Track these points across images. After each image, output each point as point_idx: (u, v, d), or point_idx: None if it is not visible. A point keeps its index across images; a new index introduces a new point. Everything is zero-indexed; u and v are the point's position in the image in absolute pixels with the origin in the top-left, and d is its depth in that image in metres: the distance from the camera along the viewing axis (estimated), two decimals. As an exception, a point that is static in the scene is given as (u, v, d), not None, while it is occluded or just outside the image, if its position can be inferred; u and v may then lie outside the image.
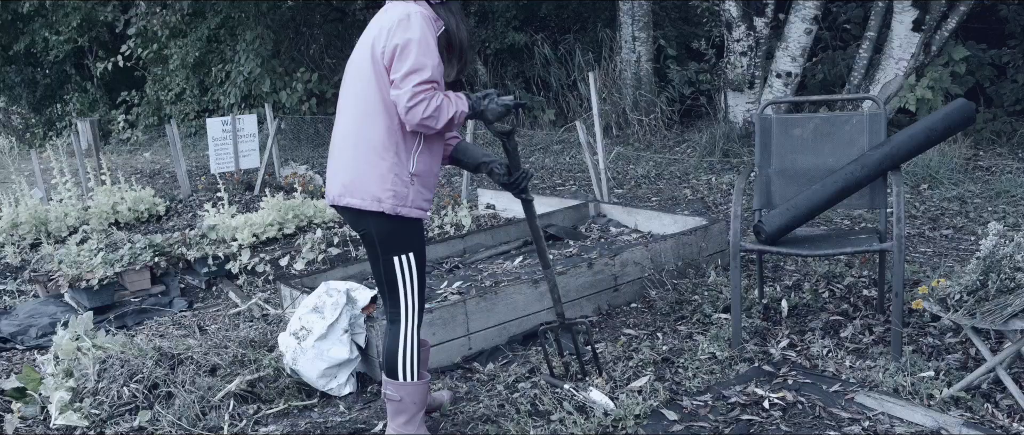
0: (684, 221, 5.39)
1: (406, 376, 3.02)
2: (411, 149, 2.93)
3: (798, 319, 4.14)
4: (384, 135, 2.90)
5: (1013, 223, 5.63)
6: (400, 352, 3.01)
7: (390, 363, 3.03)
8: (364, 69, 2.93)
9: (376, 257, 3.04)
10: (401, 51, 2.81)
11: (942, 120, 3.66)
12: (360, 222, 3.00)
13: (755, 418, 3.16)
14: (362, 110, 2.93)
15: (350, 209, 2.97)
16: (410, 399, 3.03)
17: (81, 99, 18.49)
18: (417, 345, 3.04)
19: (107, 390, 3.62)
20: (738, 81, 9.48)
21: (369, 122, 2.91)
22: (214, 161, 8.67)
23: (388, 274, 2.99)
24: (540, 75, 12.06)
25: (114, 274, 5.43)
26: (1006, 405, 3.10)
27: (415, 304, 3.02)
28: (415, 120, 2.80)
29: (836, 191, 3.69)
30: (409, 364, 3.02)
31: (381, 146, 2.90)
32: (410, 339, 3.01)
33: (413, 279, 3.00)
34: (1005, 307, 2.95)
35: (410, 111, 2.79)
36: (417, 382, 3.03)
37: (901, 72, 8.33)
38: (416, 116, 2.79)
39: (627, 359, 3.79)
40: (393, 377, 3.03)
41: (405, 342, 3.01)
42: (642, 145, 9.90)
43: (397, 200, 2.90)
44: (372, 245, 3.05)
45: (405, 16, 2.85)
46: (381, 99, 2.88)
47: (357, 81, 2.96)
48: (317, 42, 13.60)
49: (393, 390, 3.03)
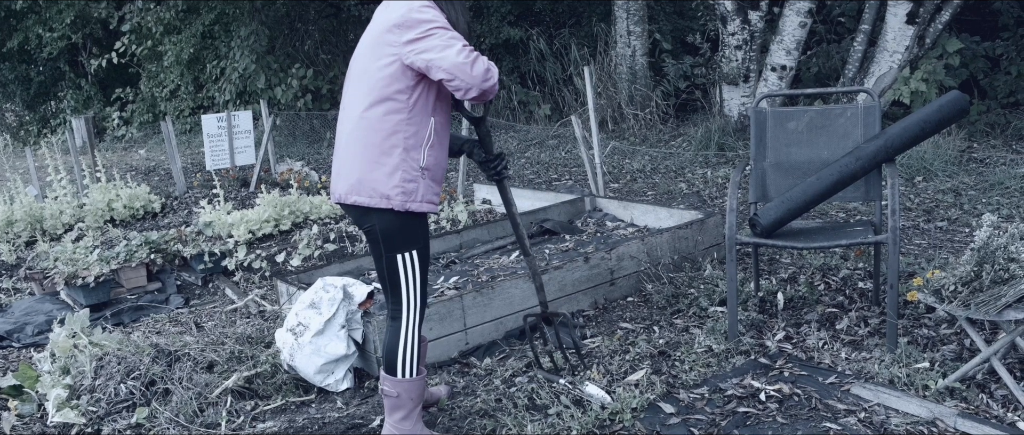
0: (680, 215, 5.40)
1: (405, 372, 3.02)
2: (422, 143, 2.90)
3: (794, 312, 4.15)
4: (391, 131, 2.86)
5: (1007, 215, 5.65)
6: (400, 349, 3.01)
7: (390, 359, 3.03)
8: (369, 67, 2.89)
9: (380, 254, 3.03)
10: (428, 31, 2.76)
11: (936, 112, 3.67)
12: (366, 219, 2.97)
13: (752, 410, 3.18)
14: (367, 106, 2.89)
15: (356, 206, 2.95)
16: (407, 395, 3.03)
17: (75, 96, 18.45)
18: (417, 342, 3.04)
19: (104, 387, 3.62)
20: (733, 75, 9.49)
21: (375, 118, 2.88)
22: (209, 158, 8.66)
23: (391, 272, 2.98)
24: (536, 70, 12.07)
25: (110, 271, 5.42)
26: (1001, 395, 3.11)
27: (417, 302, 3.01)
28: (479, 75, 2.73)
29: (831, 184, 3.70)
30: (409, 361, 3.02)
31: (388, 143, 2.87)
32: (411, 336, 3.01)
33: (416, 277, 2.99)
34: (999, 298, 2.96)
35: (474, 66, 2.72)
36: (414, 378, 3.04)
37: (895, 65, 8.34)
38: (479, 70, 2.72)
39: (624, 353, 3.80)
40: (392, 373, 3.03)
41: (406, 339, 3.01)
42: (638, 139, 9.90)
43: (406, 196, 2.89)
44: (376, 242, 3.02)
45: (417, 6, 2.82)
46: (388, 95, 2.84)
47: (361, 79, 2.92)
48: (312, 38, 13.59)
49: (390, 386, 3.04)
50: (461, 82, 2.73)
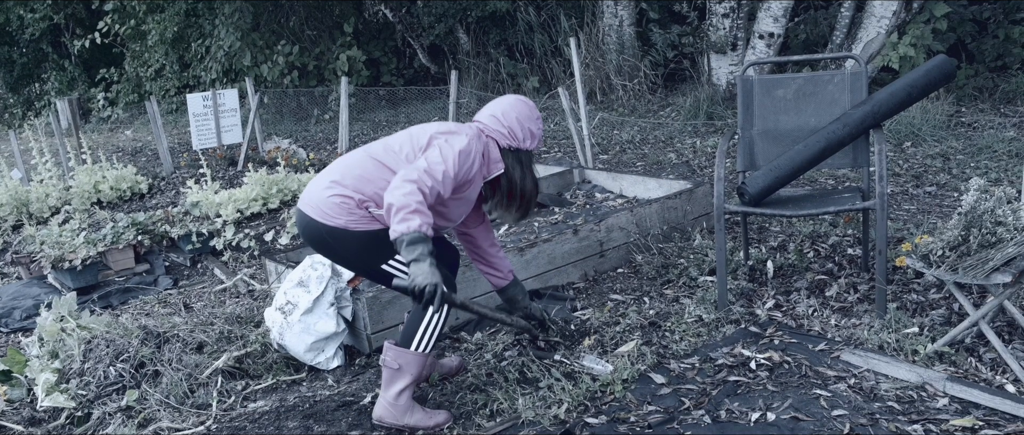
0: (669, 185, 5.39)
1: (420, 347, 3.00)
2: None
3: (783, 279, 4.15)
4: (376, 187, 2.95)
5: (995, 178, 5.66)
6: (425, 323, 3.00)
7: (410, 330, 3.01)
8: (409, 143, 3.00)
9: None
10: (436, 144, 2.92)
11: (923, 77, 3.66)
12: None
13: (742, 379, 3.18)
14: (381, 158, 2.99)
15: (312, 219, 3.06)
16: (408, 369, 3.02)
17: (59, 77, 18.29)
18: (444, 323, 3.04)
19: (93, 370, 3.60)
20: (721, 43, 9.44)
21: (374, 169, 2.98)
22: (196, 137, 8.60)
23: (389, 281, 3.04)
24: (523, 42, 11.98)
25: (97, 254, 5.39)
26: (989, 358, 3.13)
27: None
28: (395, 199, 2.73)
29: (818, 150, 3.69)
30: (429, 337, 3.01)
31: (366, 188, 2.96)
32: (439, 316, 3.01)
33: None
34: (987, 262, 2.96)
35: (399, 191, 2.74)
36: (420, 353, 3.02)
37: (883, 30, 8.31)
38: (397, 195, 2.73)
39: (614, 324, 3.80)
40: (406, 344, 3.01)
41: (433, 317, 3.00)
42: (626, 110, 9.87)
43: (350, 217, 2.96)
44: None
45: (457, 139, 2.94)
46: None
47: (407, 139, 3.03)
48: (297, 14, 13.45)
49: (393, 358, 3.01)
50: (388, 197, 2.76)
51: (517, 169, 3.07)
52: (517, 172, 3.07)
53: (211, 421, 3.29)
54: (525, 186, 3.10)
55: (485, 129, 3.08)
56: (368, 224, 2.94)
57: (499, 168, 3.04)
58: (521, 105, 3.13)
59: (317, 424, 3.18)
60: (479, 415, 3.11)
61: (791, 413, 2.90)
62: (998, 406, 2.81)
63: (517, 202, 3.14)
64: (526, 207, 3.18)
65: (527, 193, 3.13)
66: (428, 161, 2.85)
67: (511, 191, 3.10)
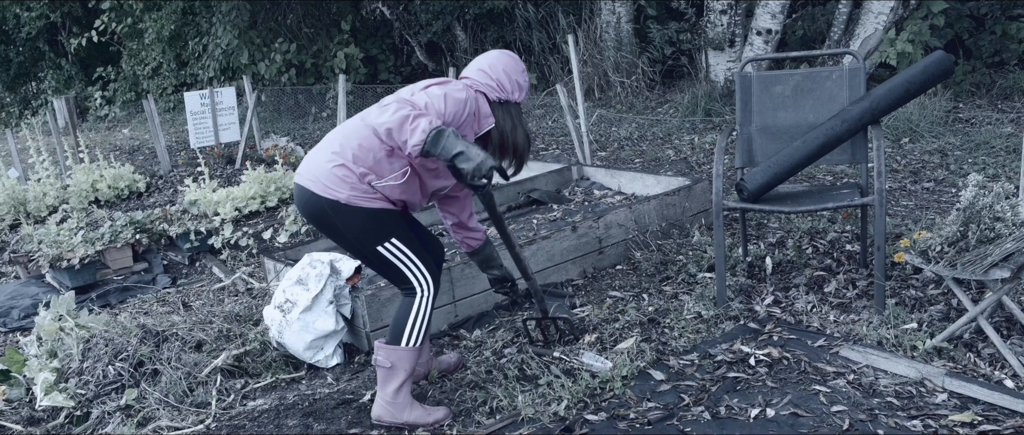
0: (667, 182, 5.39)
1: (409, 342, 3.00)
2: (383, 177, 2.92)
3: (782, 276, 4.16)
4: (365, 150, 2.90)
5: (993, 174, 5.66)
6: (412, 318, 3.00)
7: (398, 326, 3.01)
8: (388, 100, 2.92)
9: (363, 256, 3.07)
10: (431, 90, 2.86)
11: (920, 73, 3.66)
12: None
13: (741, 375, 3.19)
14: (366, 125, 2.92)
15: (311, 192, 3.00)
16: (401, 365, 3.01)
17: (56, 76, 18.25)
18: (431, 315, 3.04)
19: (92, 370, 3.60)
20: (718, 40, 9.44)
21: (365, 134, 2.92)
22: (193, 136, 8.59)
23: (382, 265, 3.00)
24: (521, 39, 11.97)
25: (95, 253, 5.38)
26: (988, 354, 3.13)
27: (427, 278, 3.03)
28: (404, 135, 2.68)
29: (817, 147, 3.69)
30: (417, 331, 3.01)
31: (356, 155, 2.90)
32: (425, 308, 3.01)
33: None
34: (985, 257, 2.97)
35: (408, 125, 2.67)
36: (410, 348, 3.02)
37: (881, 26, 8.31)
38: (406, 131, 2.67)
39: (613, 321, 3.80)
40: (396, 342, 3.01)
41: (419, 310, 3.00)
42: (624, 107, 9.87)
43: (352, 191, 2.92)
44: None
45: (452, 87, 2.89)
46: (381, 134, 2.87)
47: (388, 104, 2.90)
48: (294, 12, 13.43)
49: (384, 356, 3.02)
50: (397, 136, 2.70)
51: (507, 121, 3.03)
52: (507, 124, 3.03)
53: (210, 419, 3.29)
54: (516, 138, 3.06)
55: (474, 84, 3.03)
56: (370, 201, 2.92)
57: (490, 123, 3.00)
58: (507, 58, 3.10)
59: (316, 422, 3.18)
60: (478, 412, 3.11)
61: (790, 409, 2.90)
62: (997, 401, 2.81)
63: (510, 155, 3.10)
64: (520, 160, 3.14)
65: (519, 145, 3.08)
66: (429, 96, 2.84)
67: (503, 144, 3.05)
